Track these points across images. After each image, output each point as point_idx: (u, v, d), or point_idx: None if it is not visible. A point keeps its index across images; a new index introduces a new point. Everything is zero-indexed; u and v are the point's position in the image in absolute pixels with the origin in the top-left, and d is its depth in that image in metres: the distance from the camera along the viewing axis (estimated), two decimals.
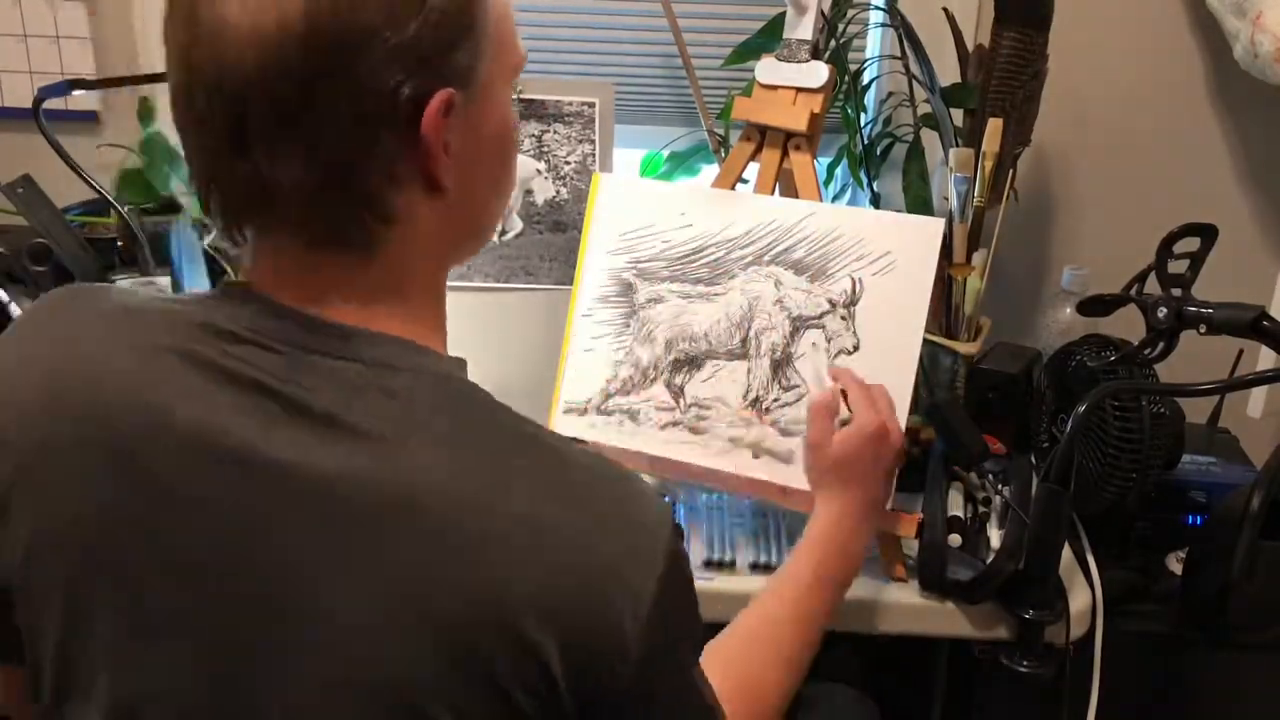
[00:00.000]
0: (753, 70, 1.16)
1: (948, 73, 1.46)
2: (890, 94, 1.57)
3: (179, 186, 1.65)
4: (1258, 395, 1.42)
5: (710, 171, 1.59)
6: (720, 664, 0.79)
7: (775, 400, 1.11)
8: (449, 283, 0.71)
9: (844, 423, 1.01)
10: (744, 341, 1.13)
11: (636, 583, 0.61)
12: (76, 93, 1.41)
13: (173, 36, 0.61)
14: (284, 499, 0.60)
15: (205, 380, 0.62)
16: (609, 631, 0.60)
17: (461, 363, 0.68)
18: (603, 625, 0.60)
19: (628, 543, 0.61)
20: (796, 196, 1.14)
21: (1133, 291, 1.11)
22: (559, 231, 1.32)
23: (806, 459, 1.02)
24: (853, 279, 1.09)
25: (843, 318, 1.09)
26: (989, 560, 1.06)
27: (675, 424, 1.14)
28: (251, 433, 0.61)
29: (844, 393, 1.03)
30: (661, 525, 0.63)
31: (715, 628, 1.08)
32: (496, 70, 0.66)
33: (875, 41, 1.59)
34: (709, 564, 1.11)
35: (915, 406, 1.10)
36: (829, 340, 1.10)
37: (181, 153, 0.64)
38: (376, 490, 0.60)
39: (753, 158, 1.17)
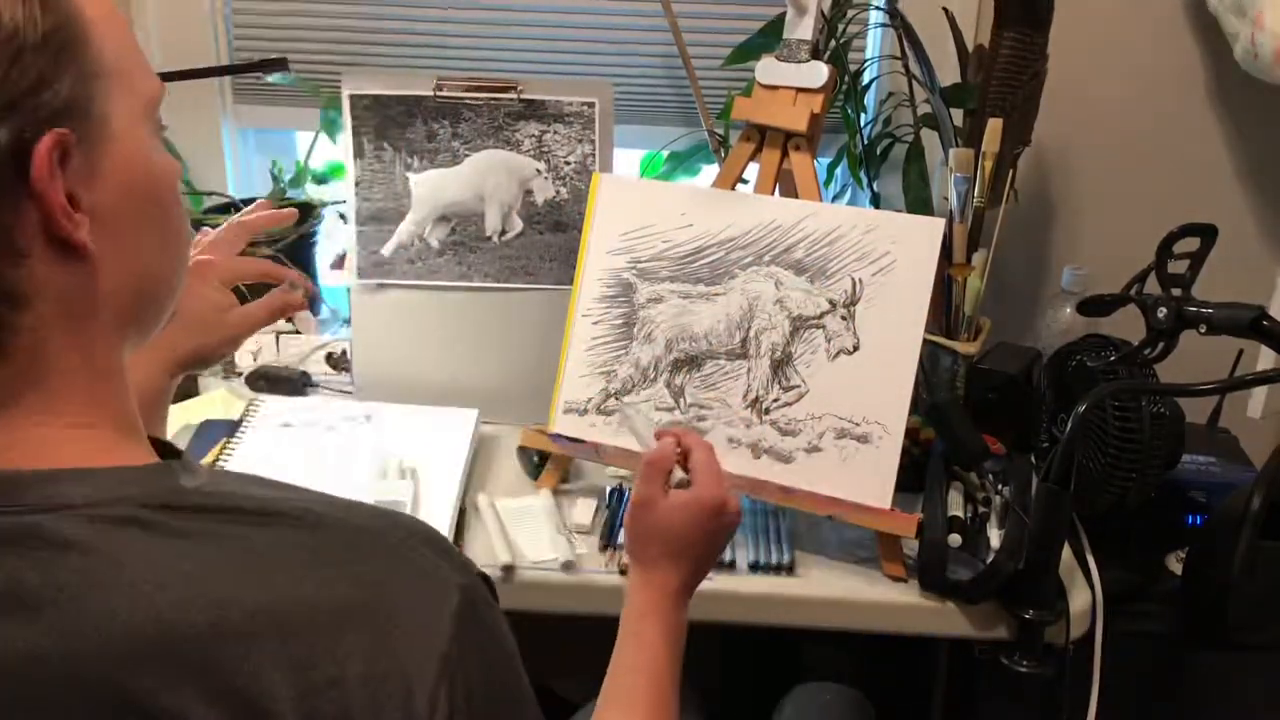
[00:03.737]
0: (753, 70, 1.16)
1: (948, 73, 1.46)
2: (890, 94, 1.57)
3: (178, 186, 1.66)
4: (1258, 395, 1.42)
5: (710, 171, 1.59)
6: None
7: (775, 400, 1.11)
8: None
9: (679, 485, 0.89)
10: (744, 341, 1.13)
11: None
12: None
13: None
14: None
15: None
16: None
17: (161, 465, 0.57)
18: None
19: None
20: (796, 196, 1.14)
21: (1133, 291, 1.11)
22: (559, 231, 1.32)
23: (629, 521, 0.89)
24: (853, 279, 1.09)
25: (843, 318, 1.09)
26: (989, 560, 1.06)
27: (675, 424, 1.14)
28: None
29: (684, 455, 0.91)
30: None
31: (715, 630, 1.09)
32: (124, 103, 0.56)
33: (875, 41, 1.59)
34: None
35: (915, 406, 1.10)
36: (829, 340, 1.10)
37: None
38: (82, 664, 0.50)
39: (753, 158, 1.17)
